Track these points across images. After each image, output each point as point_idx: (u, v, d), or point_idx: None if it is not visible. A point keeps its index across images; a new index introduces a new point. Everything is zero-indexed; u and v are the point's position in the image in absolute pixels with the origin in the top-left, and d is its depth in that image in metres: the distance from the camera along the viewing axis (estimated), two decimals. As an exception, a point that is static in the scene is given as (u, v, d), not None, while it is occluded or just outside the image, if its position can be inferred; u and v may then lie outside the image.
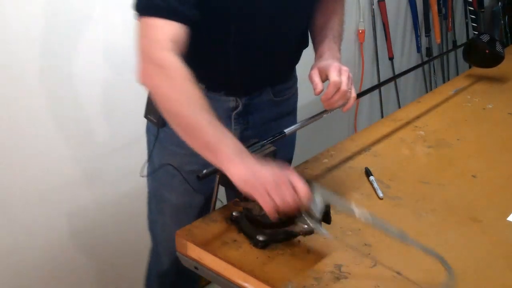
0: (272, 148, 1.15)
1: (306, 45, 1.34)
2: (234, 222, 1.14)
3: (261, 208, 1.09)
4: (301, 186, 0.96)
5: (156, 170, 1.35)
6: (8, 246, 1.57)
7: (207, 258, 1.07)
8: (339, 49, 1.22)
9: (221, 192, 1.31)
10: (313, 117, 1.35)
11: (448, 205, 1.23)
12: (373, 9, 2.59)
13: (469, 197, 1.27)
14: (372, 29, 2.62)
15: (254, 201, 1.09)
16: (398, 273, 1.02)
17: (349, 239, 1.11)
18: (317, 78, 1.11)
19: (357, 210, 0.99)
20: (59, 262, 1.70)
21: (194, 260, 1.10)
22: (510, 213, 1.20)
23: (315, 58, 1.21)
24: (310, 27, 1.27)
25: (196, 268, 1.11)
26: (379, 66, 2.70)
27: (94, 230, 1.77)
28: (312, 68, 1.14)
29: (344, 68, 1.12)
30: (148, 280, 1.61)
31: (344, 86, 1.10)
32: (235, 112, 1.29)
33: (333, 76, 1.08)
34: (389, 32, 2.69)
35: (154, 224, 1.50)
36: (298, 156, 1.54)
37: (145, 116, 1.34)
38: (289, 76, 1.38)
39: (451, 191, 1.29)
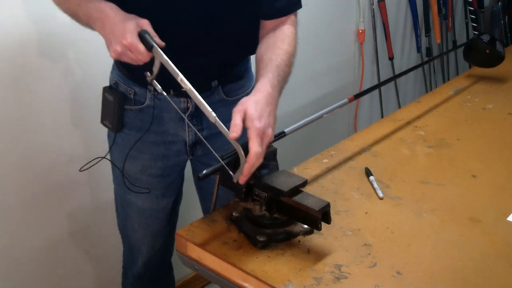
0: (273, 148, 1.15)
1: (253, 50, 1.29)
2: (234, 222, 1.14)
3: (261, 208, 1.09)
4: (141, 52, 1.05)
5: (92, 164, 1.38)
6: (8, 246, 1.57)
7: (207, 258, 1.07)
8: (279, 90, 1.14)
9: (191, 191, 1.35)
10: (313, 117, 1.35)
11: (448, 205, 1.23)
12: (373, 9, 2.59)
13: (469, 197, 1.27)
14: (372, 29, 2.62)
15: (254, 201, 1.09)
16: (398, 273, 1.02)
17: (349, 239, 1.11)
18: (238, 121, 1.01)
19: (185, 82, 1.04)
20: (59, 262, 1.70)
21: (194, 260, 1.10)
22: (510, 213, 1.20)
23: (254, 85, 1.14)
24: (255, 54, 1.24)
25: (196, 268, 1.11)
26: (379, 66, 2.69)
27: (94, 230, 1.77)
28: (241, 103, 1.05)
29: (268, 134, 1.04)
30: (124, 282, 1.62)
31: (263, 155, 1.03)
32: (187, 113, 1.29)
33: (255, 147, 0.99)
34: (389, 32, 2.69)
35: (124, 228, 1.51)
36: (298, 156, 1.55)
37: (101, 122, 1.35)
38: (239, 76, 1.36)
39: (451, 191, 1.29)
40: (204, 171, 1.07)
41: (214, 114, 1.02)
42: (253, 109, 1.03)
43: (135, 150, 1.34)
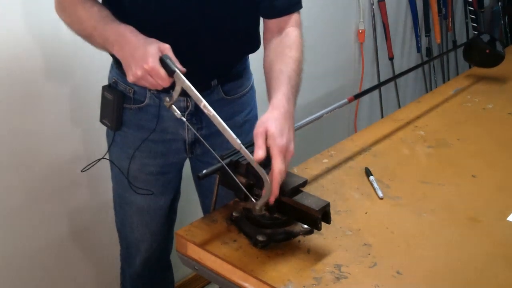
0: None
1: (252, 49, 1.31)
2: (234, 222, 1.14)
3: (261, 208, 1.09)
4: (162, 77, 1.04)
5: (93, 164, 1.38)
6: (8, 246, 1.57)
7: (207, 258, 1.07)
8: (294, 103, 1.15)
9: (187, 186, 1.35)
10: (313, 117, 1.35)
11: (448, 205, 1.23)
12: (373, 9, 2.59)
13: (469, 197, 1.27)
14: (372, 29, 2.62)
15: (254, 201, 1.09)
16: (398, 273, 1.02)
17: (349, 239, 1.11)
18: (262, 143, 1.01)
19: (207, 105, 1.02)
20: (59, 262, 1.70)
21: (194, 260, 1.10)
22: (510, 213, 1.20)
23: (268, 99, 1.14)
24: (263, 62, 1.24)
25: (196, 268, 1.11)
26: (379, 66, 2.69)
27: (94, 230, 1.77)
28: (260, 125, 1.04)
29: (290, 150, 1.04)
30: (123, 282, 1.62)
31: (286, 171, 1.04)
32: (187, 112, 1.29)
33: (279, 164, 1.00)
34: (389, 32, 2.69)
35: (122, 227, 1.51)
36: (298, 156, 1.54)
37: (100, 121, 1.35)
38: (238, 75, 1.35)
39: (451, 191, 1.29)
40: (204, 171, 1.07)
41: (238, 141, 1.01)
42: (273, 127, 1.03)
43: (134, 149, 1.34)
